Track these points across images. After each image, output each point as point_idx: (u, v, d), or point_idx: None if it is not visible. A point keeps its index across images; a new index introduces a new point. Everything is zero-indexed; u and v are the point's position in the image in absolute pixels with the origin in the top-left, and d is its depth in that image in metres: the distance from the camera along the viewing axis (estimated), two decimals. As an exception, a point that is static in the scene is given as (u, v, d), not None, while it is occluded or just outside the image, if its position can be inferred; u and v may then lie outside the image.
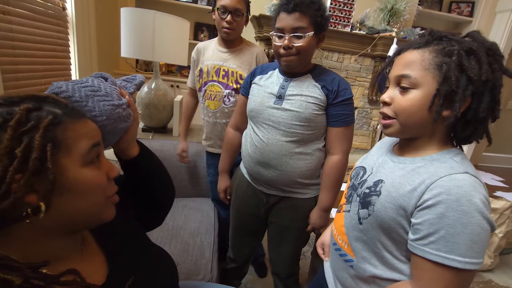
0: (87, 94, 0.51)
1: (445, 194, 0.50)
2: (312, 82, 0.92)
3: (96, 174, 0.43)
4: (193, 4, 3.00)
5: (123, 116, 0.57)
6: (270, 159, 0.94)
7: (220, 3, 1.17)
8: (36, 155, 0.35)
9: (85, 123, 0.43)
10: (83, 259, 0.47)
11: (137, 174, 0.64)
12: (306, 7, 0.84)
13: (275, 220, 1.07)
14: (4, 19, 1.24)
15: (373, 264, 0.63)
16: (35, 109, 0.38)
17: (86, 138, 0.42)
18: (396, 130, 0.61)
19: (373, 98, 3.12)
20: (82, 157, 0.41)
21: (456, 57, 0.53)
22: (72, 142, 0.40)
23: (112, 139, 0.58)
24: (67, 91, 0.50)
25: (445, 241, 0.50)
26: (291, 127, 0.91)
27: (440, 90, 0.54)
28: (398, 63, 0.61)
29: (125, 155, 0.62)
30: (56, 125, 0.39)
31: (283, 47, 0.87)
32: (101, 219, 0.46)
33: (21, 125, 0.36)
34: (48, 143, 0.37)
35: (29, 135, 0.36)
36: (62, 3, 1.73)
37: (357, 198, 0.68)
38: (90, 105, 0.51)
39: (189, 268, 1.03)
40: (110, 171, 0.47)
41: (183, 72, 3.30)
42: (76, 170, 0.40)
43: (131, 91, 0.62)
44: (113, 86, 0.57)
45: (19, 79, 1.36)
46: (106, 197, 0.46)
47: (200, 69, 1.31)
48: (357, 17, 2.85)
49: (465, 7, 3.45)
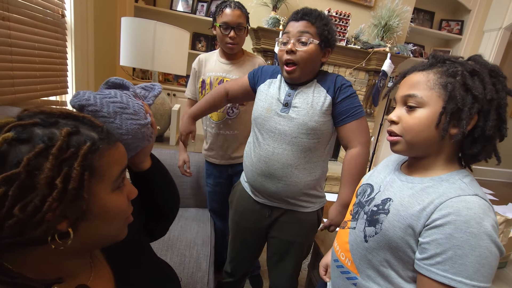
0: (116, 111, 0.50)
1: (454, 215, 0.50)
2: (318, 87, 0.93)
3: (121, 199, 0.43)
4: (191, 14, 3.04)
5: (147, 135, 0.56)
6: (275, 170, 0.92)
7: (221, 20, 1.18)
8: (75, 185, 0.34)
9: (118, 149, 0.43)
10: (92, 275, 0.46)
11: (147, 185, 0.64)
12: (314, 18, 0.87)
13: (277, 235, 1.04)
14: (3, 25, 1.23)
15: (377, 282, 0.63)
16: (73, 133, 0.37)
17: (117, 164, 0.42)
18: (402, 148, 0.62)
19: (367, 110, 3.18)
20: (112, 183, 0.41)
21: (460, 77, 0.55)
22: (106, 169, 0.39)
23: (130, 155, 0.57)
24: (95, 105, 0.48)
25: (452, 262, 0.50)
26: (297, 136, 0.90)
27: (446, 108, 0.55)
28: (404, 84, 0.63)
29: (137, 168, 0.62)
30: (93, 152, 0.37)
31: (286, 51, 0.88)
32: (116, 240, 0.45)
33: (61, 152, 0.34)
34: (86, 171, 0.36)
35: (69, 163, 0.35)
36: (61, 11, 1.73)
37: (364, 216, 0.67)
38: (117, 123, 0.50)
39: (185, 281, 1.01)
40: (130, 193, 0.46)
41: (179, 81, 3.31)
42: (105, 197, 0.40)
43: (150, 102, 0.61)
44: (139, 103, 0.56)
45: (15, 85, 1.34)
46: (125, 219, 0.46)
47: (203, 80, 1.32)
48: (352, 32, 2.93)
49: (454, 25, 3.59)
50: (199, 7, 3.09)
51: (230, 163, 1.35)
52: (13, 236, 0.32)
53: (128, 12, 2.84)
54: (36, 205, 0.32)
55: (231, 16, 1.16)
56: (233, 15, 1.16)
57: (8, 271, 0.34)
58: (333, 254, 0.77)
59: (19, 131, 0.34)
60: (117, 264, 0.52)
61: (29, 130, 0.34)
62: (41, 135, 0.34)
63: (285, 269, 1.08)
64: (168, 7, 3.03)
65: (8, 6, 1.25)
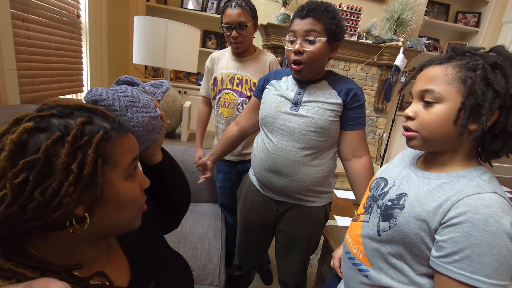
0: (127, 105, 0.52)
1: (472, 213, 0.50)
2: (329, 88, 0.92)
3: (134, 187, 0.45)
4: (201, 12, 3.06)
5: (157, 127, 0.58)
6: (283, 166, 0.92)
7: (224, 21, 1.21)
8: (89, 171, 0.36)
9: (129, 138, 0.45)
10: (108, 263, 0.48)
11: (158, 178, 0.66)
12: (320, 13, 0.83)
13: (284, 229, 1.05)
14: (22, 26, 1.28)
15: (389, 275, 0.63)
16: (87, 123, 0.39)
17: (129, 152, 0.44)
18: (419, 143, 0.61)
19: (379, 106, 3.13)
20: (125, 171, 0.43)
21: (481, 71, 0.53)
22: (118, 157, 0.41)
23: (142, 147, 0.60)
24: (108, 100, 0.50)
25: (470, 261, 0.49)
26: (306, 133, 0.90)
27: (466, 104, 0.53)
28: (421, 78, 0.61)
29: (149, 161, 0.64)
30: (106, 141, 0.40)
31: (294, 52, 0.87)
32: (131, 228, 0.47)
33: (76, 140, 0.37)
34: (99, 158, 0.38)
35: (83, 150, 0.37)
36: (76, 11, 1.78)
37: (377, 210, 0.67)
38: (129, 116, 0.52)
39: (197, 272, 1.04)
40: (143, 183, 0.49)
41: (190, 78, 3.35)
42: (119, 184, 0.42)
43: (159, 98, 0.63)
44: (149, 97, 0.58)
45: (34, 84, 1.39)
46: (138, 208, 0.48)
47: (215, 77, 1.34)
48: (363, 26, 2.88)
49: (471, 17, 3.47)
50: (209, 4, 3.10)
51: (239, 160, 1.37)
52: (35, 219, 0.35)
53: (140, 11, 2.89)
54: (54, 189, 0.35)
55: (231, 16, 1.18)
56: (233, 14, 1.18)
57: (33, 256, 0.37)
58: (344, 247, 0.77)
59: (38, 121, 0.36)
60: (133, 254, 0.54)
61: (46, 120, 0.37)
62: (58, 124, 0.37)
63: (293, 263, 1.09)
64: (178, 5, 3.07)
65: (27, 8, 1.30)
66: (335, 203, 2.51)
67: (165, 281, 0.55)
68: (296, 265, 1.09)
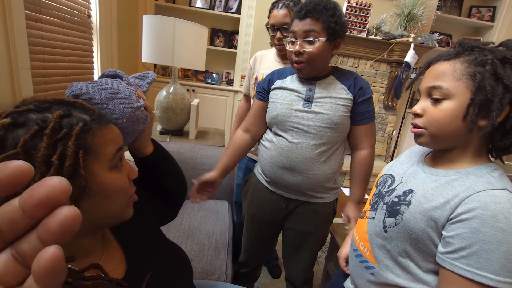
0: (108, 97, 0.52)
1: (481, 209, 0.49)
2: (338, 83, 0.93)
3: (120, 177, 0.46)
4: (209, 10, 3.07)
5: (141, 118, 0.58)
6: (297, 163, 0.92)
7: (270, 22, 1.21)
8: (70, 162, 0.36)
9: (111, 129, 0.45)
10: (104, 255, 0.49)
11: (151, 170, 0.67)
12: (318, 13, 0.83)
13: (293, 226, 1.06)
14: (36, 26, 1.32)
15: (395, 273, 0.63)
16: (65, 116, 0.39)
17: (112, 143, 0.44)
18: (427, 140, 0.61)
19: (389, 103, 3.08)
20: (109, 162, 0.43)
21: (490, 66, 0.52)
22: (100, 148, 0.41)
23: (129, 139, 0.60)
24: (88, 93, 0.50)
25: (477, 257, 0.49)
26: (321, 130, 0.91)
27: (475, 99, 0.53)
28: (429, 75, 0.60)
29: (140, 153, 0.65)
30: (86, 132, 0.40)
31: (294, 53, 0.88)
32: (122, 218, 0.48)
33: (55, 133, 0.36)
34: (80, 149, 0.38)
35: (63, 142, 0.37)
36: (87, 11, 1.82)
37: (383, 206, 0.67)
38: (111, 108, 0.52)
39: (204, 267, 1.05)
40: (130, 173, 0.49)
41: (198, 77, 3.37)
42: (103, 175, 0.42)
43: (144, 89, 0.63)
44: (131, 88, 0.58)
45: (47, 83, 1.43)
46: (127, 198, 0.48)
47: (256, 77, 1.34)
48: (373, 22, 2.84)
49: (486, 11, 3.37)
50: (217, 2, 3.11)
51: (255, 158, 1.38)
52: None
53: (149, 10, 2.92)
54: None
55: (277, 17, 1.17)
56: (279, 15, 1.17)
57: None
58: (352, 244, 0.77)
59: (15, 116, 0.37)
60: (128, 245, 0.54)
61: (24, 116, 0.37)
62: (35, 119, 0.37)
63: (301, 260, 1.10)
64: (187, 4, 3.08)
65: (40, 8, 1.34)
66: (343, 201, 2.50)
67: (161, 271, 0.56)
68: (305, 262, 1.10)
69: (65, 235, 0.16)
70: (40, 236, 0.16)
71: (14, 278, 0.16)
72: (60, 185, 0.17)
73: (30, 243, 0.16)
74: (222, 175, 1.04)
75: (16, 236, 0.16)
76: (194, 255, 1.09)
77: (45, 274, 0.15)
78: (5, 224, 0.16)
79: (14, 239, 0.16)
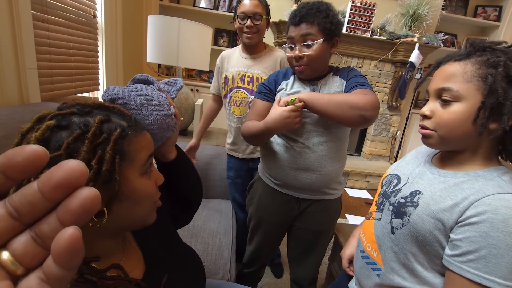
0: (142, 103, 0.53)
1: (491, 213, 0.48)
2: (336, 77, 0.95)
3: (150, 183, 0.47)
4: (213, 10, 3.08)
5: (171, 125, 0.60)
6: (311, 162, 0.94)
7: (239, 10, 1.22)
8: (107, 167, 0.37)
9: (145, 136, 0.46)
10: (124, 256, 0.50)
11: (172, 175, 0.68)
12: (312, 17, 0.85)
13: (304, 226, 1.06)
14: (42, 26, 1.33)
15: (402, 276, 0.62)
16: (105, 121, 0.40)
17: (144, 149, 0.45)
18: (435, 142, 0.60)
19: (393, 104, 3.07)
20: (141, 168, 0.44)
21: (502, 68, 0.51)
22: (134, 154, 0.43)
23: (157, 145, 0.61)
24: (124, 98, 0.52)
25: (485, 261, 0.48)
26: (329, 126, 0.92)
27: (486, 102, 0.52)
28: (438, 75, 0.59)
29: (164, 158, 0.66)
30: (123, 138, 0.41)
31: (295, 58, 0.89)
32: (146, 223, 0.49)
33: (96, 138, 0.38)
34: (117, 155, 0.39)
35: (102, 147, 0.38)
36: (93, 12, 1.83)
37: (389, 207, 0.66)
38: (144, 114, 0.53)
39: (208, 267, 1.06)
40: (157, 179, 0.50)
41: (202, 77, 3.38)
42: (135, 180, 0.43)
43: (173, 96, 0.65)
44: (163, 95, 0.59)
45: (54, 82, 1.45)
46: (153, 203, 0.49)
47: (225, 76, 1.35)
48: (377, 22, 2.83)
49: (492, 11, 3.34)
50: (221, 2, 3.12)
51: (251, 157, 1.38)
52: None
53: (153, 10, 2.93)
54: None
55: (248, 5, 1.19)
56: (250, 4, 1.19)
57: None
58: (359, 244, 0.77)
59: (59, 119, 0.38)
60: (147, 248, 0.55)
61: (67, 118, 0.38)
62: (78, 122, 0.38)
63: (311, 260, 1.11)
64: (191, 4, 3.10)
65: (47, 9, 1.35)
66: (347, 202, 2.48)
67: (177, 274, 0.57)
68: (314, 261, 1.11)
69: (85, 216, 0.17)
70: (60, 217, 0.16)
71: (34, 259, 0.16)
72: (78, 167, 0.17)
73: (50, 224, 0.16)
74: None
75: (35, 218, 0.17)
76: (198, 254, 1.10)
77: (64, 254, 0.15)
78: (24, 206, 0.16)
79: (33, 221, 0.17)
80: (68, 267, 0.16)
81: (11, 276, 0.16)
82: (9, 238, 0.16)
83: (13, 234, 0.17)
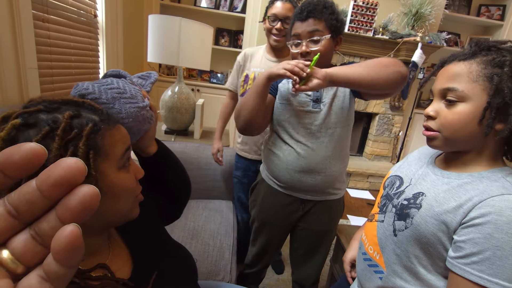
0: (114, 97, 0.52)
1: (496, 215, 0.48)
2: None
3: (128, 176, 0.46)
4: (214, 10, 3.07)
5: (147, 117, 0.58)
6: (316, 164, 0.93)
7: (271, 12, 1.21)
8: None
9: (119, 129, 0.45)
10: (110, 255, 0.49)
11: (155, 169, 0.67)
12: (319, 12, 0.85)
13: (308, 226, 1.06)
14: (43, 26, 1.33)
15: (404, 278, 0.61)
16: (75, 116, 0.39)
17: (120, 143, 0.44)
18: (440, 143, 0.59)
19: (396, 104, 3.05)
20: (117, 162, 0.43)
21: (508, 67, 0.50)
22: (109, 148, 0.41)
23: (135, 139, 0.60)
24: (94, 93, 0.50)
25: (489, 263, 0.47)
26: (332, 126, 0.92)
27: (492, 103, 0.51)
28: (443, 75, 0.58)
29: (144, 153, 0.65)
30: (95, 133, 0.39)
31: (301, 54, 0.88)
32: (129, 218, 0.48)
33: (66, 134, 0.36)
34: (90, 150, 0.38)
35: (74, 143, 0.37)
36: (94, 11, 1.83)
37: (392, 209, 0.66)
38: (117, 107, 0.52)
39: (209, 268, 1.05)
40: (137, 172, 0.49)
41: (203, 76, 3.37)
42: (113, 175, 0.42)
43: (147, 89, 0.64)
44: (136, 88, 0.58)
45: (54, 82, 1.44)
46: (134, 197, 0.48)
47: (246, 75, 1.33)
48: (380, 21, 2.81)
49: (495, 10, 3.31)
50: (222, 2, 3.11)
51: (260, 159, 1.37)
52: None
53: (154, 9, 2.93)
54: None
55: (280, 8, 1.18)
56: (283, 7, 1.18)
57: None
58: (361, 247, 0.76)
59: (26, 117, 0.36)
60: (134, 245, 0.54)
61: (34, 116, 0.36)
62: (46, 119, 0.36)
63: (315, 260, 1.10)
64: (192, 4, 3.09)
65: (47, 8, 1.35)
66: (349, 202, 2.47)
67: (167, 271, 0.56)
68: (318, 261, 1.11)
69: (85, 213, 0.17)
70: (59, 215, 0.16)
71: (33, 258, 0.16)
72: (76, 165, 0.17)
73: (49, 222, 0.16)
74: None
75: (34, 217, 0.17)
76: (198, 255, 1.09)
77: (64, 251, 0.15)
78: (23, 205, 0.16)
79: (32, 220, 0.17)
80: (69, 264, 0.16)
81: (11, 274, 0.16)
82: (9, 236, 0.16)
83: (13, 233, 0.17)
